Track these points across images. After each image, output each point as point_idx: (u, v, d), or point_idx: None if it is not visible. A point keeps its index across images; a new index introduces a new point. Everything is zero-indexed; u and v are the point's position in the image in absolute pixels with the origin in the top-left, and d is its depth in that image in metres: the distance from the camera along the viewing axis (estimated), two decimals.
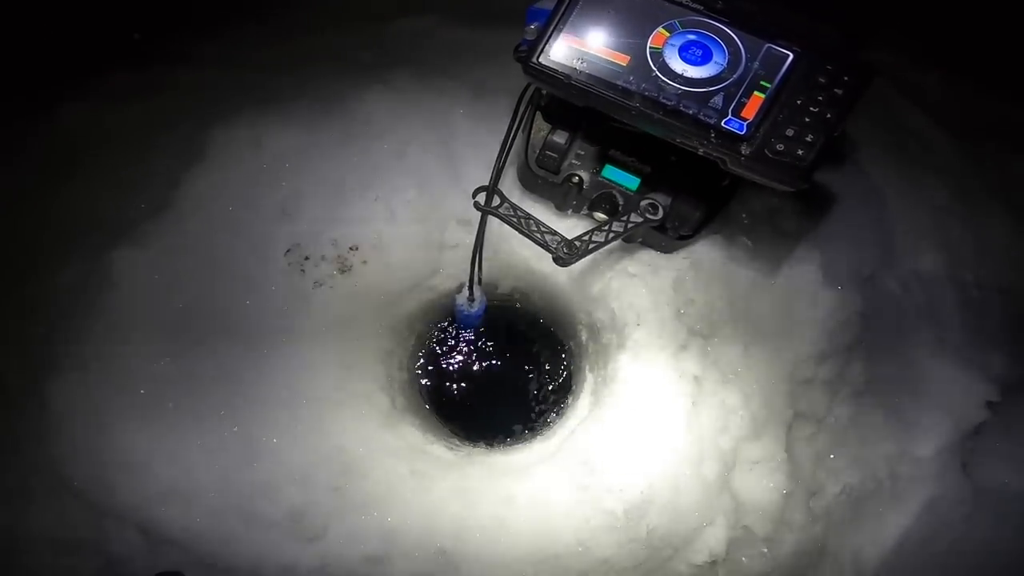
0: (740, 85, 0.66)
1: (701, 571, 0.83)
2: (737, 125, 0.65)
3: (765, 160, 0.64)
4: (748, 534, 0.84)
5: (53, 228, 0.93)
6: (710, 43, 0.68)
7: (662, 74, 0.68)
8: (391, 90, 0.97)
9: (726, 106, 0.66)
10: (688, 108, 0.67)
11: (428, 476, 0.86)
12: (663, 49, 0.69)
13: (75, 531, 0.84)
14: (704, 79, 0.67)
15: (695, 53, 0.68)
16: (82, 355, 0.85)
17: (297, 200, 0.90)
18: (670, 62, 0.68)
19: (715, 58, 0.67)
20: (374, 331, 0.96)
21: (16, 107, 1.00)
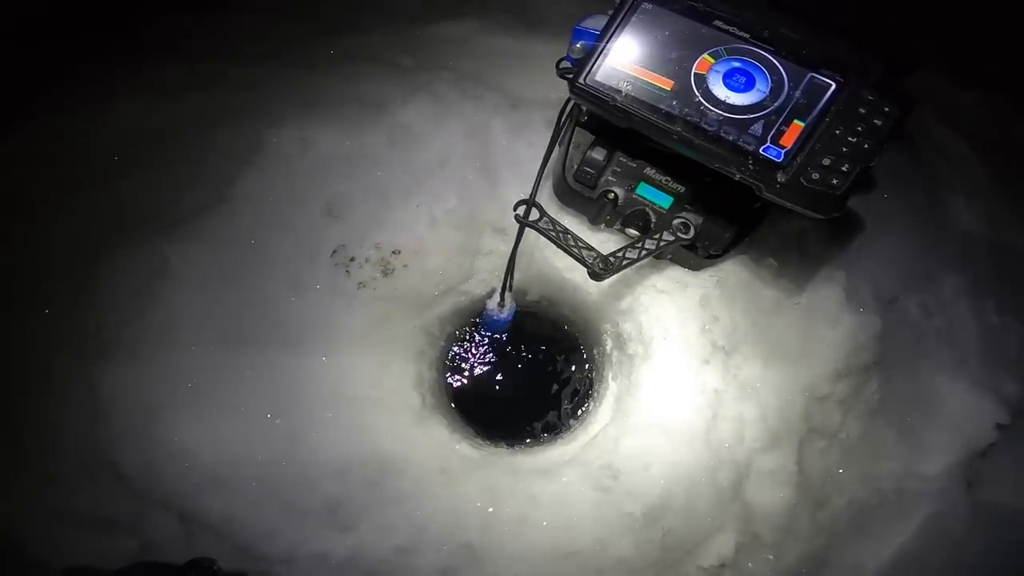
0: (780, 113, 0.68)
1: (709, 574, 0.86)
2: (775, 153, 0.67)
3: (800, 189, 0.66)
4: (756, 541, 0.87)
5: (107, 221, 0.96)
6: (754, 71, 0.70)
7: (705, 100, 0.70)
8: (432, 98, 1.00)
9: (765, 133, 0.68)
10: (728, 134, 0.69)
11: (456, 473, 0.89)
12: (707, 75, 0.71)
13: (116, 516, 0.88)
14: (746, 106, 0.69)
15: (739, 80, 0.70)
16: (134, 344, 0.88)
17: (343, 202, 0.93)
18: (713, 88, 0.70)
19: (758, 86, 0.69)
20: (409, 331, 0.99)
21: (73, 102, 1.03)
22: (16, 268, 0.95)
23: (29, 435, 0.89)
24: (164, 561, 0.80)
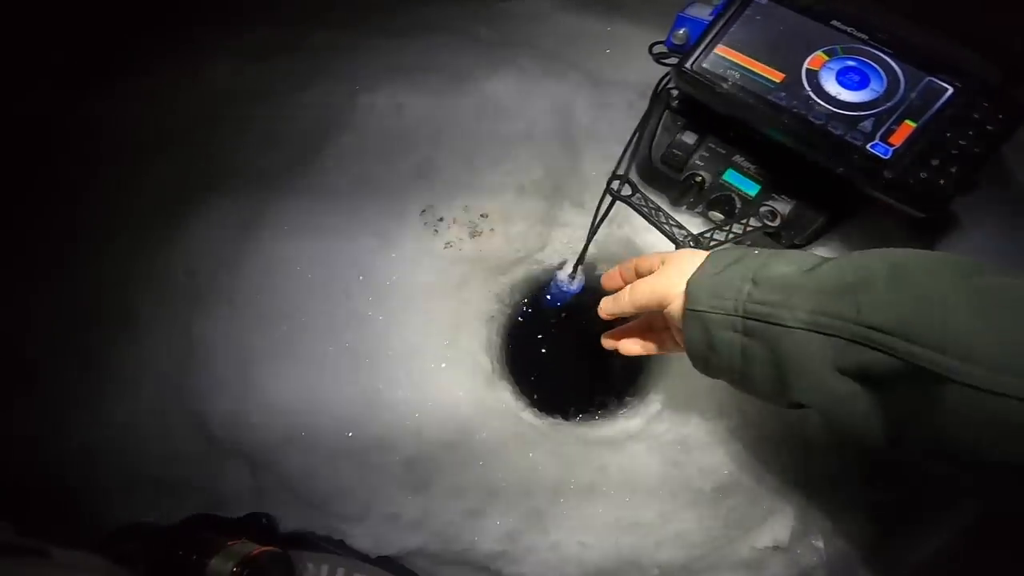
0: (893, 113, 0.69)
1: (761, 555, 0.88)
2: (883, 150, 0.69)
3: (905, 186, 0.68)
4: (809, 528, 0.89)
5: (200, 174, 0.98)
6: (869, 71, 0.71)
7: (815, 94, 0.72)
8: (517, 72, 1.01)
9: (875, 131, 0.70)
10: (836, 129, 0.71)
11: (528, 440, 0.91)
12: (820, 71, 0.73)
13: (188, 467, 0.90)
14: (857, 103, 0.71)
15: (852, 78, 0.71)
16: (227, 292, 0.90)
17: (433, 166, 0.95)
18: (825, 84, 0.72)
19: (872, 85, 0.71)
20: (483, 295, 1.01)
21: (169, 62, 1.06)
22: (109, 214, 0.97)
23: (113, 382, 0.91)
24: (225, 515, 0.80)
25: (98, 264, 0.97)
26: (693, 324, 0.56)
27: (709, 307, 0.54)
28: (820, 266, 0.51)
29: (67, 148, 1.02)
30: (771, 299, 0.50)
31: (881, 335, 0.44)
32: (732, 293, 0.53)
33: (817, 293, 0.48)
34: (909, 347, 0.42)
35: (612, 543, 0.87)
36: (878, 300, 0.45)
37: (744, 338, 0.53)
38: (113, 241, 0.98)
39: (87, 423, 0.92)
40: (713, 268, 0.56)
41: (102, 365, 0.94)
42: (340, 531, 0.85)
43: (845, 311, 0.46)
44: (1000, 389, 0.37)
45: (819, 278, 0.49)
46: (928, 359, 0.41)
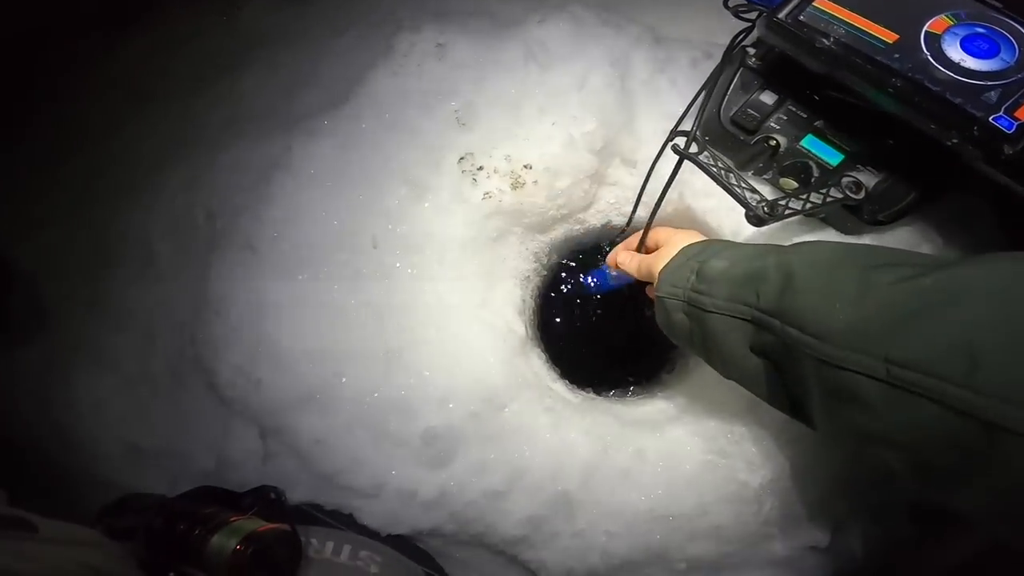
0: (1023, 86, 0.60)
1: (796, 554, 0.81)
2: (1006, 123, 0.59)
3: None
4: (848, 529, 0.81)
5: (227, 113, 0.90)
6: (1000, 39, 0.62)
7: (934, 59, 0.62)
8: (571, 19, 0.89)
9: (1000, 103, 0.59)
10: (955, 97, 0.60)
11: (561, 416, 0.82)
12: (943, 35, 0.63)
13: (197, 429, 0.82)
14: (983, 72, 0.61)
15: (980, 46, 0.61)
16: (249, 238, 0.80)
17: (474, 112, 0.84)
18: (947, 50, 0.62)
19: (1002, 54, 0.61)
20: (520, 252, 0.92)
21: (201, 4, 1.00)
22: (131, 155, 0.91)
23: (127, 331, 0.83)
24: (236, 484, 0.72)
25: (123, 204, 0.90)
26: (658, 306, 0.66)
27: (667, 293, 0.63)
28: (747, 258, 0.57)
29: (98, 89, 0.96)
30: (702, 288, 0.59)
31: (767, 317, 0.50)
32: (682, 282, 0.61)
33: (731, 284, 0.56)
34: (783, 327, 0.48)
35: (642, 534, 0.78)
36: (767, 288, 0.51)
37: (688, 320, 0.61)
38: (139, 181, 0.91)
39: (96, 375, 0.84)
40: (678, 260, 0.65)
41: (118, 312, 0.86)
42: (350, 506, 0.77)
43: (748, 298, 0.53)
44: (847, 364, 0.41)
45: (735, 271, 0.56)
46: (794, 336, 0.46)
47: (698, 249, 0.64)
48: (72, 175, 0.90)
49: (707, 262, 0.60)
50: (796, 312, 0.47)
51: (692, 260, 0.63)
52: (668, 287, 0.63)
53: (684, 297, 0.61)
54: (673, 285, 0.63)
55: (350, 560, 0.72)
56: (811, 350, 0.44)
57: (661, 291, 0.64)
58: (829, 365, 0.42)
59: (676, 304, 0.62)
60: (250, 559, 0.57)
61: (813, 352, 0.44)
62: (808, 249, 0.52)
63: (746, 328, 0.54)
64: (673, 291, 0.62)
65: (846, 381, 0.41)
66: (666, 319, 0.65)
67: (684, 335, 0.63)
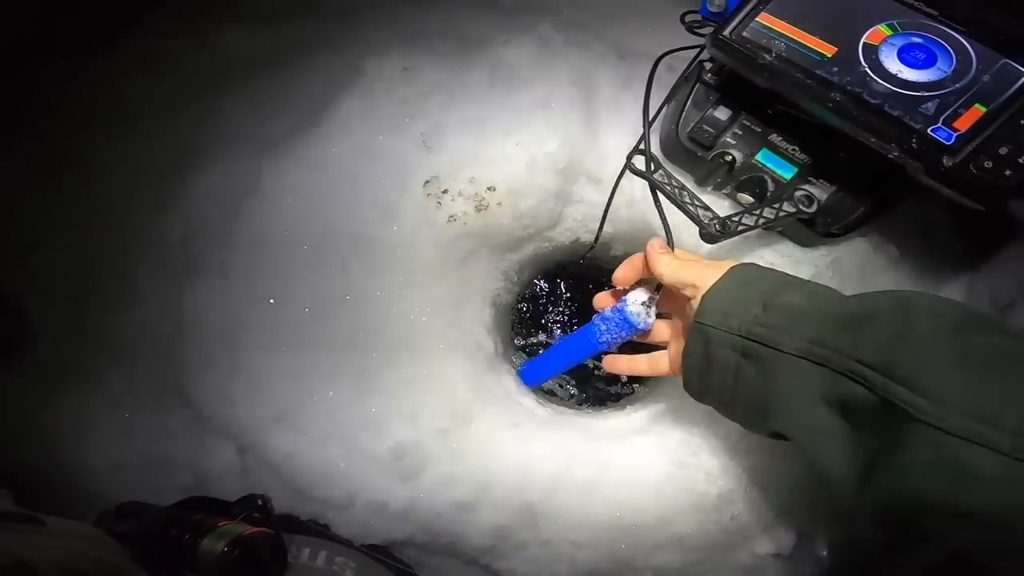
0: (961, 95, 0.58)
1: (760, 562, 0.79)
2: (945, 135, 0.58)
3: (965, 175, 0.56)
4: (813, 536, 0.80)
5: (201, 138, 0.90)
6: (937, 48, 0.60)
7: (872, 71, 0.61)
8: (536, 40, 0.89)
9: (938, 114, 0.58)
10: (893, 109, 0.60)
11: (527, 430, 0.82)
12: (880, 46, 0.61)
13: (175, 444, 0.82)
14: (920, 83, 0.59)
15: (917, 56, 0.60)
16: (221, 262, 0.81)
17: (439, 135, 0.84)
18: (885, 61, 0.61)
19: (939, 64, 0.59)
20: (488, 271, 0.91)
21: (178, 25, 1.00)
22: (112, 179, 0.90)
23: (106, 351, 0.84)
24: (215, 496, 0.74)
25: (99, 229, 0.89)
26: (696, 336, 0.56)
27: (715, 323, 0.53)
28: (832, 300, 0.51)
29: (72, 112, 0.96)
30: (775, 323, 0.50)
31: (865, 369, 0.44)
32: (740, 313, 0.52)
33: (821, 324, 0.48)
34: (886, 383, 0.42)
35: (607, 543, 0.78)
36: (874, 336, 0.45)
37: (741, 358, 0.53)
38: (115, 205, 0.90)
39: (79, 394, 0.85)
40: (729, 285, 0.55)
41: (100, 335, 0.86)
42: (325, 517, 0.77)
43: (841, 344, 0.46)
44: (964, 434, 0.37)
45: (827, 311, 0.49)
46: (901, 397, 0.41)
47: (755, 275, 0.56)
48: (53, 199, 0.90)
49: (779, 295, 0.52)
50: (910, 369, 0.41)
51: (751, 288, 0.54)
52: (718, 316, 0.53)
53: (742, 331, 0.52)
54: (725, 314, 0.53)
55: (326, 565, 0.73)
56: (922, 413, 0.39)
57: (708, 318, 0.54)
58: (939, 431, 0.38)
59: (725, 338, 0.53)
60: (237, 560, 0.59)
61: (922, 415, 0.39)
62: (927, 301, 0.46)
63: (824, 377, 0.47)
64: (724, 321, 0.53)
65: (959, 451, 0.37)
66: (702, 354, 0.55)
67: (724, 377, 0.54)
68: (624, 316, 0.66)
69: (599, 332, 0.68)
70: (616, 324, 0.66)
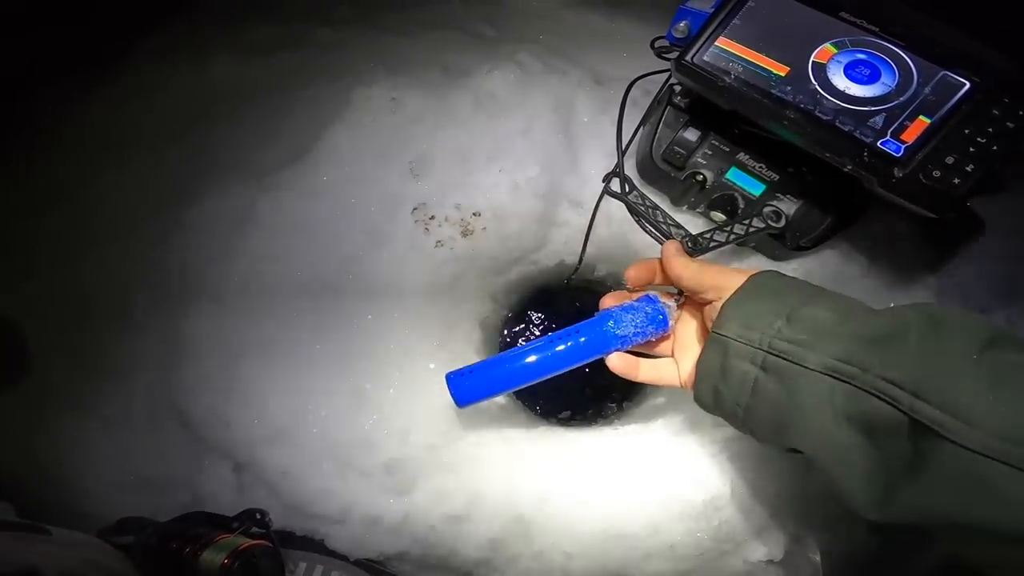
0: (905, 108, 0.62)
1: (753, 568, 0.81)
2: (894, 147, 0.62)
3: (917, 185, 0.60)
4: (805, 541, 0.82)
5: (196, 168, 0.94)
6: (880, 64, 0.64)
7: (822, 88, 0.65)
8: (517, 68, 0.94)
9: (886, 127, 0.62)
10: (844, 124, 0.64)
11: (516, 444, 0.84)
12: (827, 64, 0.65)
13: (173, 464, 0.85)
14: (867, 98, 0.63)
15: (862, 72, 0.64)
16: (217, 289, 0.85)
17: (427, 161, 0.88)
18: (833, 78, 0.65)
19: (883, 79, 0.63)
20: (476, 295, 0.95)
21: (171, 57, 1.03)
22: (107, 208, 0.94)
23: (102, 376, 0.87)
24: (214, 512, 0.77)
25: (95, 258, 0.93)
26: (713, 347, 0.54)
27: (735, 335, 0.52)
28: (859, 313, 0.49)
29: (66, 143, 1.00)
30: (800, 339, 0.49)
31: (892, 387, 0.43)
32: (762, 326, 0.51)
33: (849, 341, 0.47)
34: (914, 402, 0.41)
35: (599, 553, 0.80)
36: (903, 354, 0.44)
37: (760, 372, 0.51)
38: (111, 235, 0.94)
39: (78, 418, 0.87)
40: (751, 295, 0.54)
41: (97, 359, 0.89)
42: (320, 532, 0.79)
43: (868, 361, 0.45)
44: (994, 454, 0.37)
45: (856, 327, 0.48)
46: (930, 416, 0.40)
47: (779, 285, 0.54)
48: (50, 227, 0.93)
49: (803, 308, 0.50)
50: (940, 389, 0.41)
51: (776, 301, 0.52)
52: (739, 327, 0.52)
53: (763, 344, 0.50)
54: (747, 327, 0.51)
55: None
56: (950, 433, 0.39)
57: (727, 330, 0.52)
58: (970, 452, 0.38)
59: (745, 350, 0.51)
60: (238, 572, 0.62)
61: (952, 436, 0.39)
62: (956, 317, 0.45)
63: (849, 394, 0.46)
64: (745, 334, 0.51)
65: (983, 470, 0.37)
66: (719, 367, 0.53)
67: (738, 389, 0.52)
68: (656, 308, 0.62)
69: (619, 322, 0.62)
70: (644, 317, 0.62)
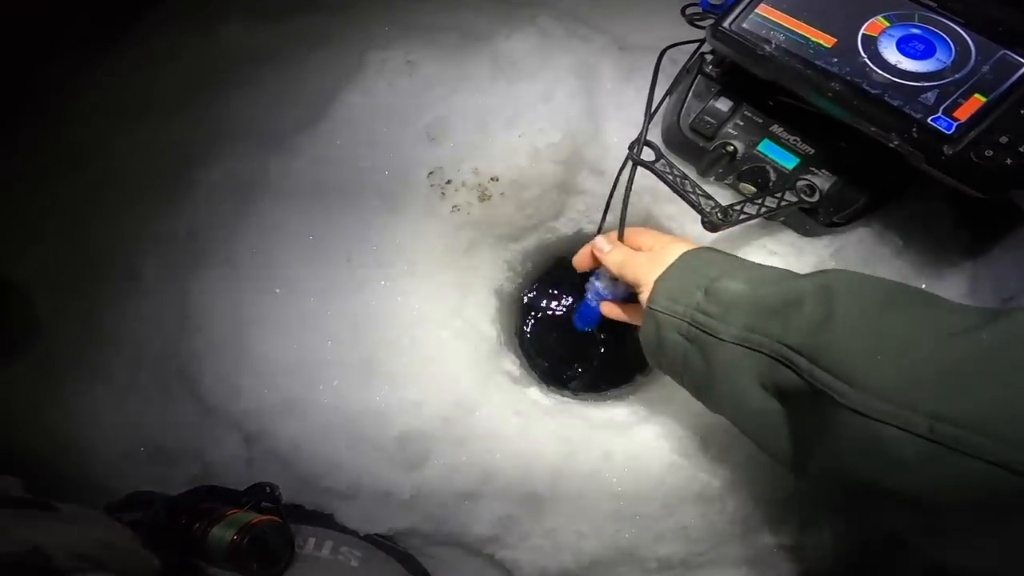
0: (960, 86, 0.58)
1: (765, 552, 0.79)
2: (945, 124, 0.58)
3: (967, 163, 0.57)
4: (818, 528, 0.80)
5: (207, 133, 0.91)
6: (936, 39, 0.60)
7: (871, 62, 0.61)
8: (538, 32, 0.90)
9: (938, 104, 0.58)
10: (893, 99, 0.60)
11: (531, 419, 0.82)
12: (879, 37, 0.61)
13: (183, 435, 0.83)
14: (920, 73, 0.59)
15: (916, 47, 0.60)
16: (228, 254, 0.82)
17: (443, 127, 0.85)
18: (884, 51, 0.61)
19: (938, 55, 0.59)
20: (492, 262, 0.92)
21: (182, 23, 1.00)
22: (117, 174, 0.91)
23: (112, 342, 0.85)
24: (223, 486, 0.74)
25: (104, 223, 0.91)
26: (649, 321, 0.58)
27: (664, 308, 0.56)
28: (770, 283, 0.51)
29: (77, 108, 0.97)
30: (713, 311, 0.52)
31: (793, 354, 0.45)
32: (685, 299, 0.54)
33: (754, 311, 0.49)
34: (811, 367, 0.43)
35: (611, 533, 0.78)
36: (800, 321, 0.45)
37: (687, 343, 0.54)
38: (121, 201, 0.91)
39: (88, 385, 0.86)
40: (678, 271, 0.57)
41: (107, 325, 0.87)
42: (330, 506, 0.78)
43: (772, 329, 0.47)
44: (885, 418, 0.37)
45: (759, 297, 0.50)
46: (823, 380, 0.41)
47: (703, 261, 0.57)
48: (62, 193, 0.91)
49: (719, 280, 0.53)
50: (833, 354, 0.42)
51: (698, 275, 0.55)
52: (665, 301, 0.55)
53: (686, 317, 0.53)
54: (672, 300, 0.55)
55: (331, 555, 0.73)
56: (844, 398, 0.40)
57: (657, 304, 0.56)
58: (860, 415, 0.39)
59: (672, 322, 0.55)
60: (246, 548, 0.60)
61: (845, 401, 0.39)
62: (850, 281, 0.46)
63: (761, 362, 0.48)
64: (671, 307, 0.55)
65: (878, 434, 0.38)
66: (655, 336, 0.57)
67: (674, 359, 0.56)
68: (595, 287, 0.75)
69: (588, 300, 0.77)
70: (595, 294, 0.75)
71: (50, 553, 0.44)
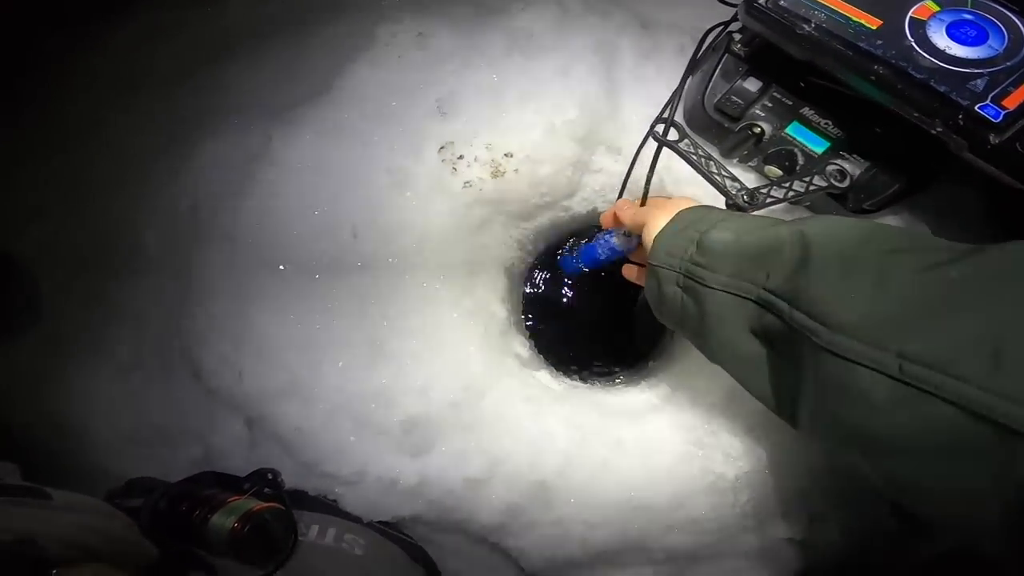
0: (1011, 74, 0.55)
1: (773, 545, 0.78)
2: (993, 112, 0.55)
3: (1012, 153, 0.54)
4: (827, 521, 0.78)
5: (210, 105, 0.87)
6: (988, 26, 0.57)
7: (918, 46, 0.58)
8: (555, 6, 0.86)
9: (987, 91, 0.55)
10: (939, 85, 0.56)
11: (541, 405, 0.80)
12: (928, 22, 0.58)
13: (184, 416, 0.80)
14: (970, 60, 0.57)
15: (967, 33, 0.57)
16: (230, 228, 0.78)
17: (455, 101, 0.81)
18: (932, 36, 0.58)
19: (990, 42, 0.57)
20: (503, 240, 0.89)
21: None
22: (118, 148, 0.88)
23: (112, 320, 0.83)
24: (224, 471, 0.73)
25: (105, 198, 0.87)
26: (651, 275, 0.59)
27: (661, 262, 0.57)
28: (755, 232, 0.51)
29: (79, 82, 0.93)
30: (703, 261, 0.53)
31: (775, 298, 0.45)
32: (680, 252, 0.55)
33: (740, 259, 0.50)
34: (792, 311, 0.43)
35: (619, 524, 0.76)
36: (780, 266, 0.46)
37: (683, 294, 0.56)
38: (122, 174, 0.88)
39: (89, 364, 0.83)
40: (674, 226, 0.58)
41: (108, 303, 0.85)
42: (333, 492, 0.75)
43: (757, 276, 0.48)
44: (857, 358, 0.37)
45: (744, 245, 0.50)
46: (802, 323, 0.42)
47: (696, 216, 0.57)
48: (62, 167, 0.88)
49: (708, 232, 0.54)
50: (808, 295, 0.42)
51: (690, 228, 0.56)
52: (663, 255, 0.56)
53: (681, 268, 0.55)
54: (669, 254, 0.56)
55: (335, 543, 0.71)
56: (818, 338, 0.40)
57: (655, 259, 0.57)
58: (835, 356, 0.38)
59: (670, 275, 0.56)
60: (247, 535, 0.59)
61: (819, 341, 0.39)
62: (825, 225, 0.46)
63: (748, 308, 0.49)
64: (668, 260, 0.56)
65: (851, 375, 0.37)
66: (657, 290, 0.59)
67: (674, 310, 0.57)
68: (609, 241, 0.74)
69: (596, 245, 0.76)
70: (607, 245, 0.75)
71: (39, 542, 0.43)
